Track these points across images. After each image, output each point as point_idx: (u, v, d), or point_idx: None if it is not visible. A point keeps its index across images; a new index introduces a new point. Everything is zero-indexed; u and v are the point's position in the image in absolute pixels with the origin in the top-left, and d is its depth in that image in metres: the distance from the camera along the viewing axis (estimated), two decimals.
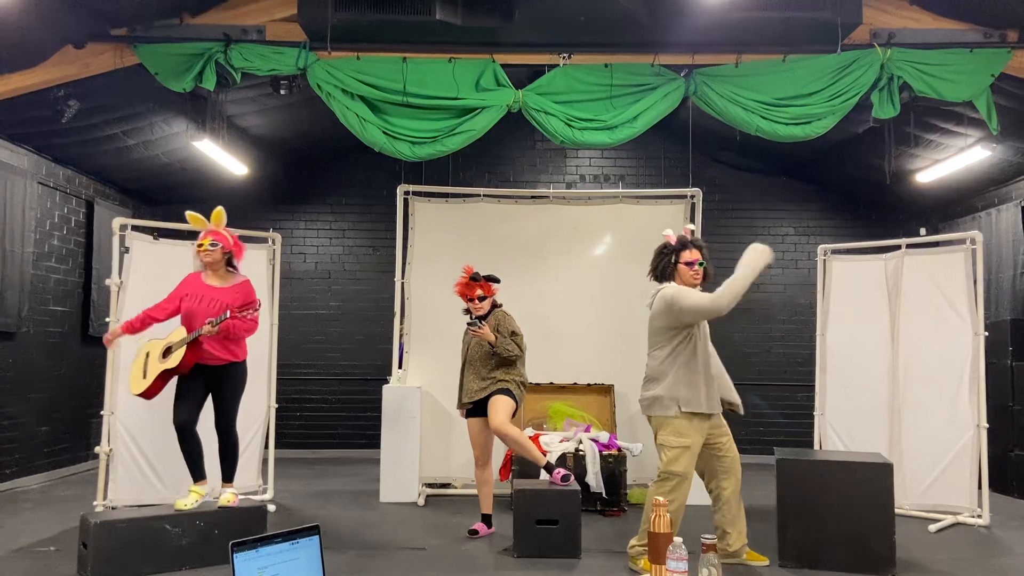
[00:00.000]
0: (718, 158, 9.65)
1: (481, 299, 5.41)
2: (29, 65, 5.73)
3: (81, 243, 8.06)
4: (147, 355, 4.92)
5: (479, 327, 5.27)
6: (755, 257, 4.31)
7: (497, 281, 5.52)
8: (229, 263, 5.06)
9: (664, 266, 4.61)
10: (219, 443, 5.01)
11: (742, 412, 4.92)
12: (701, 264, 4.57)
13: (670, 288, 4.49)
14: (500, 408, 5.20)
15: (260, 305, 4.88)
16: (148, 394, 4.84)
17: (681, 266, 4.55)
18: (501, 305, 5.55)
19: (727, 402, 4.78)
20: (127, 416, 5.79)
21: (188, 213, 5.15)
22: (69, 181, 7.78)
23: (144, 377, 4.85)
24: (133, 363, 5.01)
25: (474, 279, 5.44)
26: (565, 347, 7.19)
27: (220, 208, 5.06)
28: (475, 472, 5.53)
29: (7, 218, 6.77)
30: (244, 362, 5.04)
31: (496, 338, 5.29)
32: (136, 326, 5.01)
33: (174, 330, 4.92)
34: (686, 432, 4.43)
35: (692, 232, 4.70)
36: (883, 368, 6.50)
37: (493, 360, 5.35)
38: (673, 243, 4.61)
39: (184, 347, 4.75)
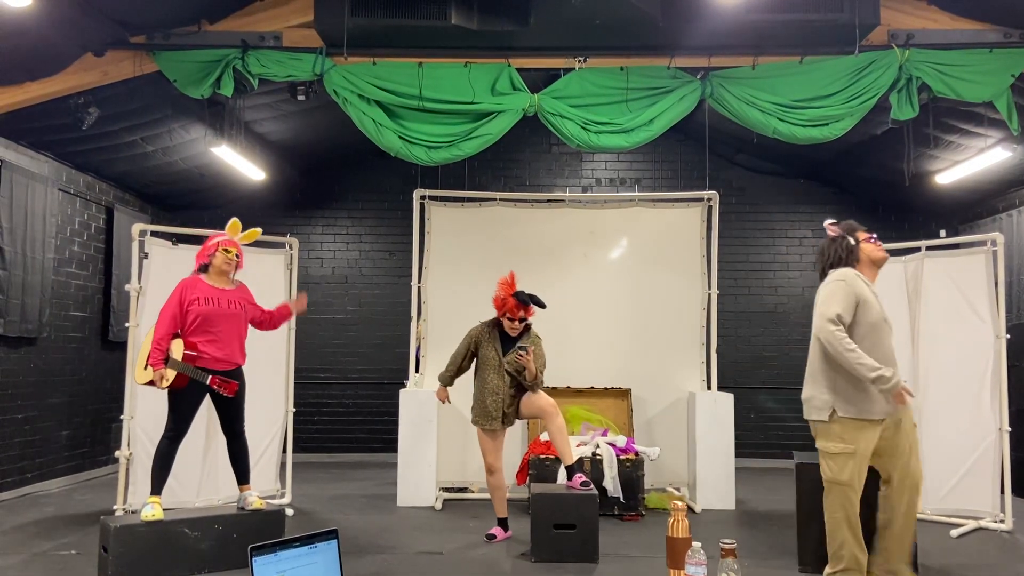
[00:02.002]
0: (735, 160, 9.60)
1: (522, 320, 5.32)
2: (49, 73, 5.81)
3: (101, 249, 8.14)
4: None
5: (527, 355, 5.20)
6: (878, 375, 3.87)
7: (543, 307, 5.32)
8: None
9: (848, 251, 4.18)
10: (232, 447, 5.03)
11: None
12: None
13: (837, 284, 4.05)
14: (544, 395, 5.36)
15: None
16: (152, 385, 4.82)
17: (864, 244, 4.19)
18: (531, 325, 5.43)
19: None
20: (147, 420, 5.83)
21: (233, 220, 5.13)
22: (89, 187, 7.86)
23: (145, 369, 4.82)
24: (141, 351, 4.94)
25: (523, 302, 5.24)
26: (582, 351, 7.17)
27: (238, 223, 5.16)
28: (489, 480, 5.49)
29: (28, 224, 6.84)
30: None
31: (537, 374, 5.29)
32: (165, 354, 4.80)
33: (173, 342, 4.81)
34: (848, 437, 4.01)
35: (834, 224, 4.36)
36: (903, 371, 6.41)
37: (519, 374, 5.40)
38: (840, 231, 4.25)
39: (175, 371, 4.70)
